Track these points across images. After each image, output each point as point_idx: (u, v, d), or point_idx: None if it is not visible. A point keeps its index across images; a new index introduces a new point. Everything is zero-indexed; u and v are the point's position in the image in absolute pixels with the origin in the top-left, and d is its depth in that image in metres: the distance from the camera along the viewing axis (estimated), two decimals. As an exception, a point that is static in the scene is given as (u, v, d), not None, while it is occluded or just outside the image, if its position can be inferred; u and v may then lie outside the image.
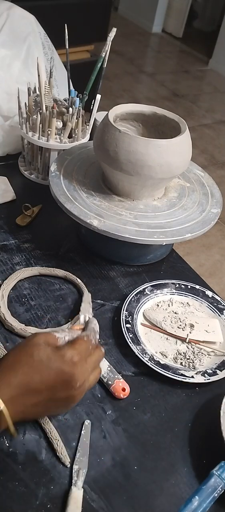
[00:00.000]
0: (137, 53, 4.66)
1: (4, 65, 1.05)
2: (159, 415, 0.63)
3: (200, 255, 2.30)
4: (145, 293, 0.78)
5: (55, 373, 0.50)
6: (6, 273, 0.78)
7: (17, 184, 0.99)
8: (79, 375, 0.50)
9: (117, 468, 0.56)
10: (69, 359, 0.50)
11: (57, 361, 0.50)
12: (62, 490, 0.53)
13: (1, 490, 0.52)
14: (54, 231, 0.91)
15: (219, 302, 0.79)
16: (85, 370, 0.52)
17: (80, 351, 0.52)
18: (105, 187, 0.84)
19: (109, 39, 0.98)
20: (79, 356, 0.51)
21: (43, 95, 0.93)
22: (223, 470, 0.54)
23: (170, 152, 0.76)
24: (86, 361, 0.52)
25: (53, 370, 0.49)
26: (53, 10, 2.31)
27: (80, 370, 0.51)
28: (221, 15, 4.71)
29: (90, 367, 0.53)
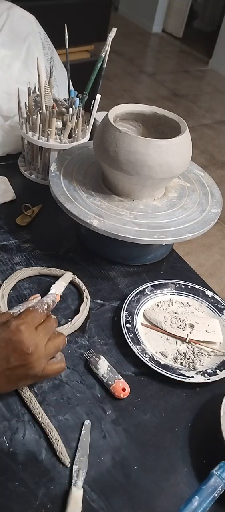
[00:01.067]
0: (137, 53, 4.66)
1: (4, 65, 1.05)
2: (159, 415, 0.63)
3: (200, 255, 2.30)
4: (145, 293, 0.78)
5: (4, 343, 0.53)
6: (6, 273, 0.78)
7: (17, 184, 0.99)
8: (28, 341, 0.53)
9: (117, 468, 0.56)
10: (14, 327, 0.53)
11: (4, 333, 0.53)
12: (62, 490, 0.53)
13: (1, 490, 0.52)
14: (54, 231, 0.91)
15: (219, 302, 0.79)
16: (34, 336, 0.54)
17: (26, 320, 0.54)
18: (105, 187, 0.84)
19: (109, 39, 0.98)
20: (25, 324, 0.54)
21: (43, 95, 0.93)
22: (223, 470, 0.54)
23: (170, 152, 0.76)
24: (36, 329, 0.55)
25: (1, 341, 0.53)
26: (53, 10, 2.31)
27: (28, 336, 0.53)
28: (221, 15, 4.71)
29: (41, 333, 0.56)
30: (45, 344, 0.56)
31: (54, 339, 0.58)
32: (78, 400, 0.62)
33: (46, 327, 0.57)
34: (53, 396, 0.62)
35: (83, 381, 0.65)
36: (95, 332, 0.72)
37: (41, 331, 0.56)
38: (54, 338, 0.58)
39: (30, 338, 0.54)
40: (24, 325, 0.54)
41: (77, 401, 0.62)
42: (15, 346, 0.53)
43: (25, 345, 0.53)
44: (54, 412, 0.60)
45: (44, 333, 0.56)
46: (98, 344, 0.70)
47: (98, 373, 0.65)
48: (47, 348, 0.56)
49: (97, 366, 0.65)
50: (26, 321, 0.54)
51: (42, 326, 0.57)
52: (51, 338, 0.58)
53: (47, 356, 0.57)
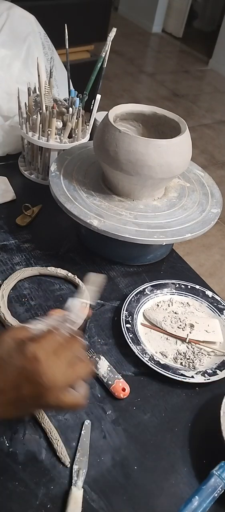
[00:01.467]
0: (137, 53, 4.66)
1: (4, 65, 1.05)
2: (159, 415, 0.63)
3: (200, 255, 2.30)
4: (145, 293, 0.78)
5: (17, 371, 0.45)
6: (6, 273, 0.78)
7: (17, 184, 0.99)
8: (44, 371, 0.45)
9: (117, 468, 0.56)
10: (31, 354, 0.45)
11: (18, 358, 0.46)
12: (62, 490, 0.53)
13: (1, 490, 0.52)
14: (54, 231, 0.91)
15: (219, 302, 0.79)
16: (54, 365, 0.46)
17: (46, 345, 0.47)
18: (105, 187, 0.84)
19: (109, 39, 0.98)
20: (44, 350, 0.46)
21: (43, 95, 0.93)
22: (223, 470, 0.54)
23: (170, 152, 0.76)
24: (56, 355, 0.47)
25: (15, 368, 0.46)
26: (53, 10, 2.31)
27: (46, 366, 0.45)
28: (221, 15, 4.71)
29: (60, 358, 0.47)
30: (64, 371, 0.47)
31: (76, 366, 0.49)
32: (78, 400, 0.62)
33: (68, 351, 0.48)
34: (53, 396, 0.62)
35: (83, 381, 0.65)
36: (95, 332, 0.72)
37: (61, 355, 0.47)
38: (79, 366, 0.49)
39: (47, 368, 0.45)
40: (42, 352, 0.46)
41: (77, 401, 0.62)
42: (29, 376, 0.45)
43: (40, 376, 0.45)
44: (54, 412, 0.60)
45: (64, 358, 0.48)
46: (98, 344, 0.70)
47: (98, 373, 0.65)
48: (66, 376, 0.47)
49: (97, 366, 0.65)
50: (45, 346, 0.46)
51: (63, 349, 0.48)
52: (72, 364, 0.48)
53: (64, 386, 0.48)
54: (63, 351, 0.48)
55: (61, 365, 0.47)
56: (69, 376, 0.48)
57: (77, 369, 0.49)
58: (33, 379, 0.45)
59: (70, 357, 0.48)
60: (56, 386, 0.46)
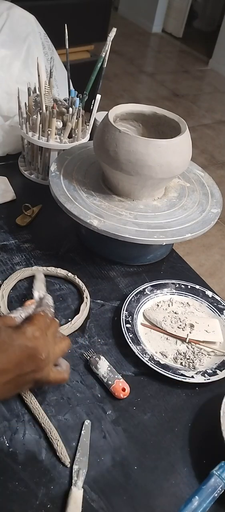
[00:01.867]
0: (137, 53, 4.66)
1: (4, 65, 1.05)
2: (159, 415, 0.63)
3: (200, 255, 2.30)
4: (145, 293, 0.78)
5: (19, 350, 0.51)
6: (6, 273, 0.78)
7: (17, 184, 0.99)
8: (42, 347, 0.53)
9: (117, 468, 0.56)
10: (31, 334, 0.52)
11: (19, 339, 0.51)
12: (62, 490, 0.53)
13: (1, 490, 0.52)
14: (54, 231, 0.91)
15: (219, 302, 0.79)
16: (47, 342, 0.54)
17: (39, 326, 0.54)
18: (105, 187, 0.84)
19: (109, 39, 0.98)
20: (39, 330, 0.53)
21: (43, 95, 0.93)
22: (223, 470, 0.54)
23: (170, 152, 0.76)
24: (46, 334, 0.54)
25: (17, 348, 0.51)
26: (53, 10, 2.31)
27: (42, 342, 0.53)
28: (221, 15, 4.71)
29: (51, 339, 0.55)
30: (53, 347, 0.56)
31: (60, 343, 0.58)
32: (78, 400, 0.62)
33: (54, 331, 0.57)
34: (53, 396, 0.62)
35: (83, 381, 0.65)
36: (95, 332, 0.72)
37: (50, 335, 0.55)
38: (60, 342, 0.58)
39: (44, 345, 0.53)
40: (39, 331, 0.53)
41: (77, 401, 0.62)
42: (30, 352, 0.52)
43: (40, 351, 0.52)
44: (54, 412, 0.60)
45: (52, 338, 0.56)
46: (98, 344, 0.70)
47: (98, 373, 0.65)
48: (55, 353, 0.56)
49: (97, 366, 0.65)
50: (40, 326, 0.53)
51: (50, 331, 0.56)
52: (56, 342, 0.57)
53: (53, 361, 0.56)
54: (49, 330, 0.55)
55: (50, 341, 0.55)
56: (56, 352, 0.57)
57: (60, 345, 0.58)
58: (34, 355, 0.52)
59: (54, 335, 0.57)
60: (49, 360, 0.54)
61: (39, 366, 0.53)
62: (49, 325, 0.56)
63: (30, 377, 0.53)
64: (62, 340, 0.59)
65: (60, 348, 0.58)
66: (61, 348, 0.58)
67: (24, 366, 0.52)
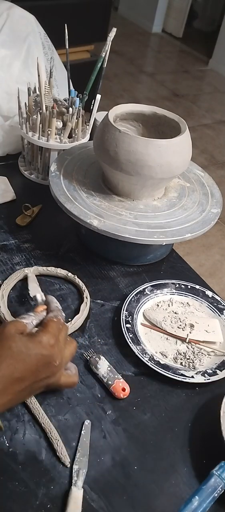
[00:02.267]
0: (137, 53, 4.66)
1: (4, 65, 1.05)
2: (159, 415, 0.63)
3: (200, 255, 2.30)
4: (145, 293, 0.78)
5: (35, 359, 0.52)
6: (6, 273, 0.78)
7: (17, 184, 0.99)
8: (57, 354, 0.54)
9: (117, 468, 0.56)
10: (46, 343, 0.54)
11: (36, 348, 0.53)
12: (62, 490, 0.53)
13: (1, 490, 0.52)
14: (54, 231, 0.91)
15: (219, 302, 0.79)
16: (60, 348, 0.56)
17: (53, 333, 0.55)
18: (105, 187, 0.84)
19: (109, 39, 0.98)
20: (54, 338, 0.55)
21: (43, 95, 0.93)
22: (223, 470, 0.54)
23: (170, 152, 0.76)
24: (59, 340, 0.56)
25: (33, 357, 0.52)
26: (53, 10, 2.31)
27: (57, 349, 0.54)
28: (221, 15, 4.71)
29: (62, 343, 0.56)
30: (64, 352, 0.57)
31: (69, 346, 0.59)
32: (78, 400, 0.62)
33: (65, 335, 0.58)
34: (53, 396, 0.62)
35: (83, 381, 0.65)
36: (95, 332, 0.72)
37: (62, 340, 0.56)
38: (69, 345, 0.59)
39: (58, 352, 0.55)
40: (53, 338, 0.54)
41: (77, 401, 0.62)
42: (46, 360, 0.53)
43: (54, 359, 0.54)
44: (54, 412, 0.60)
45: (64, 342, 0.57)
46: (98, 344, 0.70)
47: (98, 373, 0.65)
48: (65, 357, 0.57)
49: (97, 366, 0.65)
50: (54, 333, 0.55)
51: (62, 335, 0.57)
52: (66, 346, 0.58)
53: (65, 365, 0.58)
54: (62, 334, 0.57)
55: (62, 346, 0.56)
56: (66, 356, 0.58)
57: (69, 348, 0.58)
58: (49, 362, 0.54)
59: (65, 339, 0.58)
60: (62, 365, 0.56)
61: (53, 372, 0.55)
62: (61, 330, 0.57)
63: (44, 383, 0.55)
64: (70, 343, 0.59)
65: (70, 351, 0.59)
66: (70, 351, 0.59)
67: (40, 373, 0.53)
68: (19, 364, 0.51)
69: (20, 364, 0.51)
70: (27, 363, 0.52)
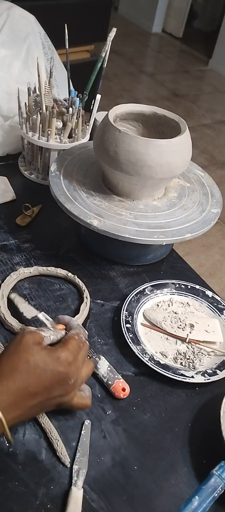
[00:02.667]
0: (137, 53, 4.66)
1: (4, 65, 1.05)
2: (159, 415, 0.63)
3: (200, 255, 2.30)
4: (145, 293, 0.78)
5: (51, 375, 0.51)
6: (6, 273, 0.78)
7: (17, 184, 0.99)
8: (73, 373, 0.53)
9: (117, 468, 0.56)
10: (64, 360, 0.52)
11: (53, 364, 0.51)
12: (62, 490, 0.53)
13: (1, 490, 0.52)
14: (54, 231, 0.91)
15: (219, 302, 0.79)
16: (78, 367, 0.54)
17: (73, 350, 0.54)
18: (105, 187, 0.84)
19: (109, 39, 0.98)
20: (72, 355, 0.53)
21: (43, 95, 0.93)
22: (223, 470, 0.54)
23: (170, 152, 0.76)
24: (78, 359, 0.54)
25: (49, 373, 0.51)
26: (53, 10, 2.31)
27: (73, 368, 0.53)
28: (221, 15, 4.71)
29: (81, 363, 0.55)
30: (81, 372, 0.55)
31: (86, 367, 0.57)
32: (78, 400, 0.62)
33: (84, 355, 0.56)
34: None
35: (83, 381, 0.65)
36: (95, 332, 0.72)
37: (80, 359, 0.55)
38: (86, 365, 0.57)
39: (75, 370, 0.53)
40: (72, 356, 0.53)
41: (77, 401, 0.62)
42: (61, 377, 0.52)
43: (70, 377, 0.53)
44: (54, 412, 0.60)
45: (82, 361, 0.56)
46: (98, 344, 0.70)
47: (98, 373, 0.65)
48: (81, 377, 0.56)
49: (97, 366, 0.65)
50: (73, 352, 0.54)
51: (81, 355, 0.55)
52: (84, 366, 0.56)
53: (80, 385, 0.56)
54: (81, 353, 0.55)
55: (80, 366, 0.55)
56: (82, 376, 0.56)
57: (86, 369, 0.57)
58: (64, 381, 0.52)
59: (83, 358, 0.56)
60: (77, 384, 0.55)
61: (67, 391, 0.53)
62: (81, 349, 0.55)
63: (56, 401, 0.53)
64: (88, 364, 0.58)
65: (87, 371, 0.57)
66: (87, 372, 0.57)
67: (53, 390, 0.52)
68: (34, 379, 0.50)
69: (35, 379, 0.50)
70: (42, 379, 0.50)
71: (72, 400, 0.55)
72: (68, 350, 0.53)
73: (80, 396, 0.57)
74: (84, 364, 0.56)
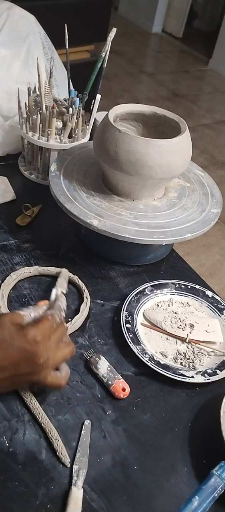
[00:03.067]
0: (137, 53, 4.66)
1: (4, 65, 1.05)
2: (159, 415, 0.63)
3: (200, 255, 2.30)
4: (145, 293, 0.78)
5: (18, 351, 0.52)
6: (6, 273, 0.78)
7: (17, 184, 0.99)
8: (42, 353, 0.53)
9: (117, 468, 0.56)
10: (32, 338, 0.52)
11: (20, 340, 0.52)
12: (62, 490, 0.53)
13: (1, 490, 0.52)
14: (54, 231, 0.91)
15: (219, 302, 0.79)
16: (48, 348, 0.54)
17: (43, 330, 0.54)
18: (105, 187, 0.84)
19: (109, 39, 0.98)
20: (42, 335, 0.53)
21: (43, 95, 0.93)
22: (223, 470, 0.54)
23: (170, 152, 0.76)
24: (49, 339, 0.54)
25: (16, 349, 0.52)
26: (53, 10, 2.31)
27: (43, 348, 0.53)
28: (221, 15, 4.72)
29: (53, 344, 0.55)
30: (54, 353, 0.56)
31: (64, 349, 0.58)
32: (78, 400, 0.62)
33: (59, 336, 0.57)
34: (53, 396, 0.62)
35: (83, 381, 0.65)
36: (95, 332, 0.72)
37: (54, 341, 0.55)
38: (64, 348, 0.58)
39: (44, 350, 0.53)
40: (41, 336, 0.53)
41: (77, 401, 0.62)
42: (28, 356, 0.52)
43: (38, 356, 0.53)
44: (54, 412, 0.60)
45: (56, 343, 0.56)
46: (98, 344, 0.70)
47: (98, 373, 0.65)
48: (56, 358, 0.56)
49: (97, 366, 0.65)
50: (43, 331, 0.54)
51: (55, 336, 0.56)
52: (60, 347, 0.57)
53: (53, 366, 0.56)
54: (54, 335, 0.55)
55: (52, 347, 0.55)
56: (58, 357, 0.56)
57: (63, 351, 0.57)
58: (31, 359, 0.52)
59: (58, 340, 0.57)
60: (48, 365, 0.54)
61: (36, 370, 0.53)
62: (54, 330, 0.55)
63: (26, 378, 0.54)
64: (66, 346, 0.58)
65: (63, 354, 0.57)
66: (63, 354, 0.58)
67: (21, 367, 0.52)
68: (1, 352, 0.51)
69: (1, 353, 0.51)
70: (8, 353, 0.51)
71: (45, 379, 0.55)
72: (38, 329, 0.53)
73: (55, 375, 0.57)
74: (60, 345, 0.57)
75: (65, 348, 0.58)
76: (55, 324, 0.56)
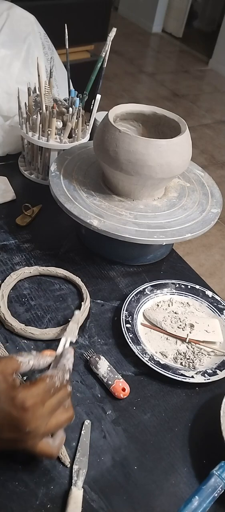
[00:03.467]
0: (137, 53, 4.66)
1: (4, 65, 1.05)
2: (159, 415, 0.63)
3: (200, 255, 2.30)
4: (145, 293, 0.78)
5: (2, 414, 0.46)
6: (6, 273, 0.78)
7: (17, 184, 0.99)
8: (29, 421, 0.46)
9: (117, 468, 0.56)
10: (20, 403, 0.46)
11: (6, 402, 0.46)
12: (62, 490, 0.53)
13: (1, 490, 0.52)
14: (54, 231, 0.91)
15: (219, 302, 0.79)
16: (39, 415, 0.47)
17: (36, 394, 0.47)
18: (105, 187, 0.84)
19: (109, 39, 0.98)
20: (33, 400, 0.46)
21: (43, 95, 0.93)
22: (223, 470, 0.54)
23: (170, 152, 0.76)
24: (43, 405, 0.48)
25: (1, 411, 0.46)
26: (53, 10, 2.31)
27: (31, 416, 0.46)
28: (221, 15, 4.71)
29: (47, 411, 0.48)
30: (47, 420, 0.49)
31: (60, 415, 0.51)
32: (78, 400, 0.62)
33: (57, 402, 0.50)
34: (53, 396, 0.62)
35: (83, 381, 0.65)
36: (95, 332, 0.72)
37: (49, 407, 0.48)
38: (61, 414, 0.51)
39: (33, 419, 0.46)
40: (32, 401, 0.46)
41: (77, 401, 0.62)
42: (12, 422, 0.46)
43: (24, 425, 0.46)
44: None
45: (51, 410, 0.49)
46: (98, 344, 0.70)
47: (98, 373, 0.65)
48: (48, 426, 0.49)
49: (97, 366, 0.65)
50: (36, 396, 0.47)
51: (51, 402, 0.49)
52: (56, 414, 0.50)
53: (44, 435, 0.49)
54: (50, 400, 0.49)
55: (45, 414, 0.48)
56: (50, 425, 0.49)
57: (59, 418, 0.51)
58: (17, 426, 0.46)
59: (55, 406, 0.50)
60: (37, 435, 0.48)
61: (21, 438, 0.47)
62: (51, 395, 0.49)
63: (9, 444, 0.48)
64: (64, 412, 0.51)
65: (58, 421, 0.50)
66: (59, 421, 0.51)
67: (3, 432, 0.47)
68: None
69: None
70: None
71: (33, 448, 0.49)
72: (30, 392, 0.46)
73: (46, 443, 0.50)
74: (56, 412, 0.50)
75: (63, 415, 0.51)
76: (53, 388, 0.49)
